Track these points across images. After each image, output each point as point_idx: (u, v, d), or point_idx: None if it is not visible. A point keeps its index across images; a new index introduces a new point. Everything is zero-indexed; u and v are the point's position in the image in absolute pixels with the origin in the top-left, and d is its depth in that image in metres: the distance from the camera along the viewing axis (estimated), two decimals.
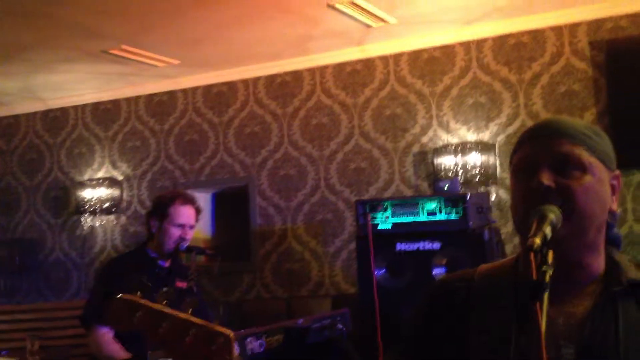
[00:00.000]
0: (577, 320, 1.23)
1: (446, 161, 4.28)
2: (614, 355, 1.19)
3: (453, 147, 4.27)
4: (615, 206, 1.27)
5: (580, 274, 1.27)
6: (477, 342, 1.27)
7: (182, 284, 2.85)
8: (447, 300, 1.36)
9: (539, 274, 1.12)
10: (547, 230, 1.18)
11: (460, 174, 4.17)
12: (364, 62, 4.68)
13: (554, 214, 1.22)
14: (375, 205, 3.49)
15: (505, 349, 1.21)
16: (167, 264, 2.96)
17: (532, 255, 1.13)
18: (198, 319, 1.28)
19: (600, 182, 1.25)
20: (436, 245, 3.39)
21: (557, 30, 4.12)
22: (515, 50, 4.23)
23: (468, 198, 3.33)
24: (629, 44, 3.94)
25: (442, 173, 4.25)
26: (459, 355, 1.29)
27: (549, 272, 1.13)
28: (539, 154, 1.25)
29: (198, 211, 3.01)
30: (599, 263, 1.27)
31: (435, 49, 4.44)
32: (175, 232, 2.90)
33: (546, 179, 1.22)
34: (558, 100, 4.11)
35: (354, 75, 4.71)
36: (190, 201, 2.99)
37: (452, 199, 3.37)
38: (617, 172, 1.30)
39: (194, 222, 2.98)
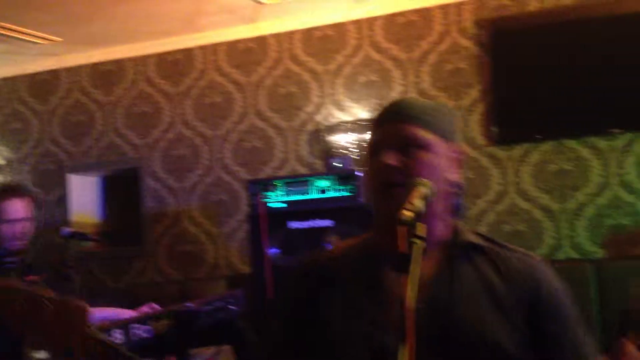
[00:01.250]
0: (423, 283, 1.30)
1: (340, 139, 4.32)
2: (452, 314, 1.28)
3: (346, 125, 4.32)
4: (457, 177, 1.39)
5: (427, 240, 1.33)
6: (338, 316, 1.33)
7: (33, 278, 2.71)
8: (310, 279, 1.43)
9: (408, 246, 1.15)
10: (419, 203, 1.21)
11: (353, 151, 4.23)
12: (257, 40, 4.62)
13: (425, 187, 1.26)
14: (267, 184, 3.48)
15: (361, 320, 1.29)
16: (15, 259, 2.81)
17: (400, 228, 1.16)
18: (52, 293, 1.27)
19: (439, 157, 1.36)
20: (328, 222, 3.43)
21: (444, 9, 4.23)
22: (405, 28, 4.30)
23: (358, 175, 3.38)
24: (511, 23, 4.10)
25: (336, 151, 4.29)
26: (326, 332, 1.35)
27: (419, 245, 1.17)
28: (385, 139, 1.37)
29: (32, 201, 2.87)
30: (443, 229, 1.37)
31: (327, 27, 4.46)
32: (8, 229, 2.76)
33: (390, 159, 1.32)
34: (445, 78, 4.23)
35: (247, 53, 4.65)
36: (16, 193, 2.84)
37: (344, 177, 3.42)
38: (459, 145, 1.39)
39: (26, 214, 2.83)
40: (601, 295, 3.72)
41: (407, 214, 1.17)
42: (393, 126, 1.35)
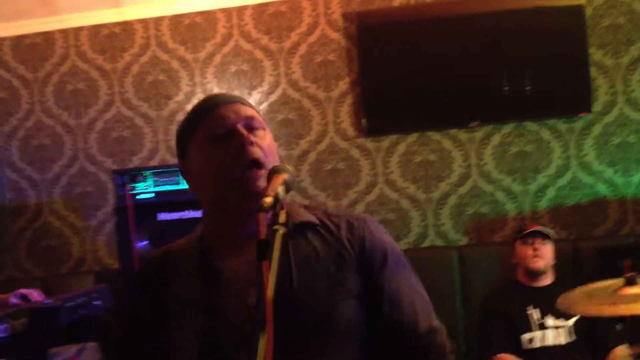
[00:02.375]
0: (255, 265, 1.30)
1: None
2: (289, 290, 1.27)
3: None
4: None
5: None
6: (173, 313, 1.31)
7: None
8: (145, 276, 1.42)
9: (270, 232, 1.14)
10: (280, 189, 1.20)
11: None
12: (123, 25, 4.44)
13: (287, 173, 1.25)
14: (134, 175, 3.36)
15: (195, 316, 1.28)
16: None
17: (261, 215, 1.14)
18: None
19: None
20: (199, 213, 3.36)
21: (313, 1, 4.26)
22: (275, 19, 4.29)
23: None
24: (378, 17, 4.20)
25: None
26: (161, 329, 1.32)
27: (281, 231, 1.16)
28: (231, 116, 1.33)
29: None
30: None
31: (196, 14, 4.36)
32: None
33: (251, 138, 1.31)
34: (315, 70, 4.27)
35: (112, 38, 4.45)
36: None
37: None
38: None
39: None
40: (463, 280, 3.91)
41: (268, 200, 1.16)
42: (234, 107, 1.34)
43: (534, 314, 3.17)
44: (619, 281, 2.20)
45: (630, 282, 2.11)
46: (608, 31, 3.97)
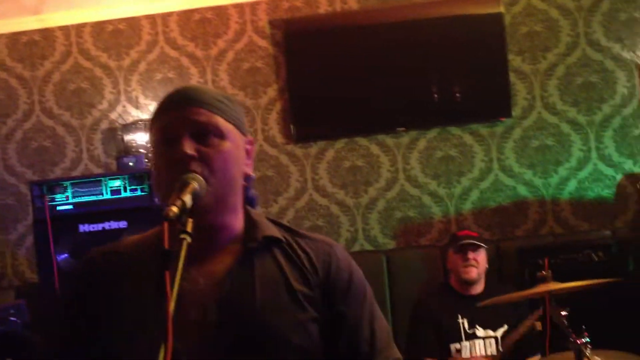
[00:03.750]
0: (217, 279, 1.27)
1: (137, 138, 4.16)
2: (252, 308, 1.25)
3: (143, 124, 4.17)
4: (250, 170, 1.34)
5: (222, 235, 1.32)
6: (124, 312, 1.25)
7: None
8: (93, 275, 1.33)
9: (176, 242, 1.12)
10: (187, 198, 1.18)
11: (149, 150, 4.09)
12: (43, 33, 4.31)
13: (196, 182, 1.23)
14: (53, 186, 3.26)
15: (148, 317, 1.20)
16: None
17: (165, 224, 1.12)
18: None
19: (237, 148, 1.31)
20: (122, 224, 3.30)
21: (239, 8, 4.24)
22: (201, 26, 4.26)
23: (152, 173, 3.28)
24: (304, 25, 4.22)
25: (133, 150, 4.13)
26: (109, 328, 1.27)
27: (187, 240, 1.14)
28: (179, 124, 1.25)
29: None
30: (238, 223, 1.33)
31: (119, 20, 4.27)
32: None
33: (189, 148, 1.23)
34: (243, 77, 4.25)
35: (31, 46, 4.32)
36: None
37: (138, 176, 3.30)
38: (250, 137, 1.37)
39: None
40: (391, 283, 3.96)
41: (174, 209, 1.14)
42: (188, 111, 1.25)
43: (465, 323, 3.16)
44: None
45: (541, 281, 2.18)
46: (526, 38, 4.10)
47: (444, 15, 4.13)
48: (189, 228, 1.15)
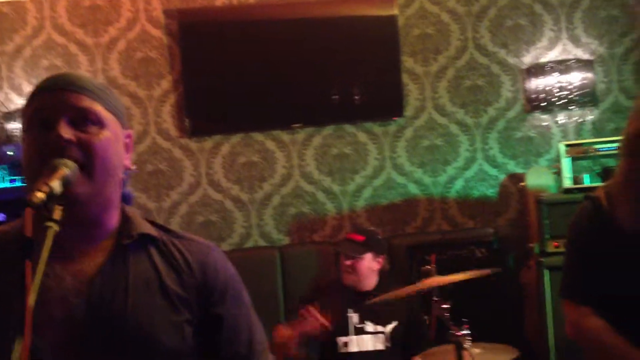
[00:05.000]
0: (87, 277, 1.22)
1: (19, 126, 3.95)
2: (123, 308, 1.20)
3: (17, 113, 3.96)
4: (129, 163, 1.29)
5: (96, 231, 1.25)
6: None
7: None
8: None
9: (41, 230, 1.06)
10: (55, 184, 1.11)
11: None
12: None
13: (68, 168, 1.16)
14: None
15: (9, 311, 1.11)
16: None
17: (28, 210, 1.06)
18: None
19: (117, 139, 1.26)
20: (1, 216, 3.12)
21: None
22: (91, 12, 4.09)
23: None
24: (200, 16, 4.15)
25: (15, 139, 3.91)
26: None
27: (54, 229, 1.08)
28: (57, 107, 1.19)
29: None
30: (114, 219, 1.27)
31: (3, 4, 4.03)
32: None
33: (66, 133, 1.17)
34: (135, 67, 4.13)
35: None
36: None
37: (18, 166, 3.13)
38: (130, 130, 1.32)
39: None
40: (285, 279, 3.96)
41: (39, 195, 1.07)
42: (67, 95, 1.19)
43: (354, 317, 3.17)
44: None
45: (425, 275, 2.25)
46: (418, 40, 4.22)
47: (341, 15, 4.18)
48: (57, 216, 1.08)
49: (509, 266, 3.87)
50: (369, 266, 3.20)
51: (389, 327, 3.12)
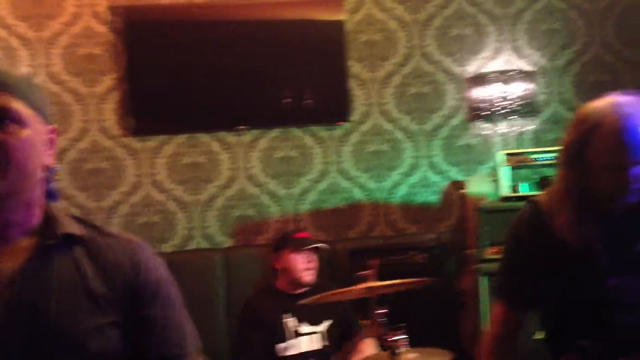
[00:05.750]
0: (6, 278, 1.18)
1: None
2: (45, 310, 1.17)
3: None
4: (51, 161, 1.26)
5: (13, 231, 1.22)
6: None
7: None
8: None
9: None
10: None
11: None
12: None
13: None
14: None
15: None
16: None
17: None
18: None
19: (39, 137, 1.22)
20: None
21: None
22: (33, 5, 3.99)
23: None
24: (146, 14, 4.09)
25: None
26: None
27: None
28: None
29: None
30: (35, 218, 1.24)
31: None
32: None
33: None
34: (78, 63, 4.04)
35: None
36: None
37: None
38: (54, 126, 1.29)
39: None
40: (228, 282, 3.93)
41: None
42: None
43: (290, 322, 3.16)
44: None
45: (362, 280, 2.27)
46: (366, 46, 4.25)
47: (289, 18, 4.17)
48: None
49: (449, 272, 3.93)
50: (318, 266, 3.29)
51: (324, 326, 3.16)
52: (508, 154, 3.74)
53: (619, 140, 1.64)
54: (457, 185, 4.22)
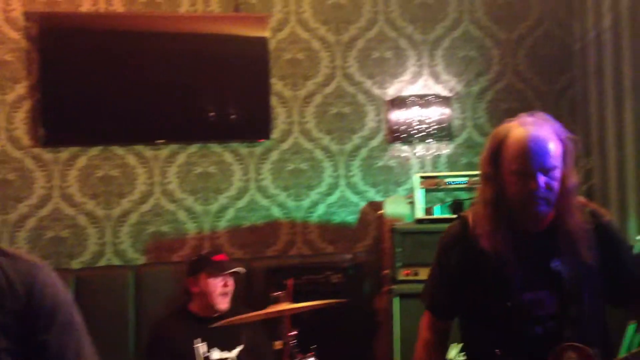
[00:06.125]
0: None
1: None
2: None
3: None
4: None
5: None
6: None
7: None
8: None
9: None
10: None
11: None
12: None
13: None
14: None
15: None
16: None
17: None
18: None
19: None
20: None
21: None
22: None
23: None
24: (63, 21, 3.96)
25: None
26: None
27: None
28: None
29: None
30: None
31: None
32: None
33: None
34: None
35: None
36: None
37: None
38: None
39: None
40: (138, 300, 3.81)
41: None
42: None
43: (200, 348, 3.08)
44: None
45: (275, 301, 2.25)
46: (288, 65, 4.26)
47: (212, 32, 4.14)
48: None
49: (365, 292, 3.95)
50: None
51: (235, 352, 3.09)
52: (422, 177, 3.82)
53: (524, 148, 1.83)
54: (375, 206, 4.27)
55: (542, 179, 1.81)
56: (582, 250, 1.84)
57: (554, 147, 1.83)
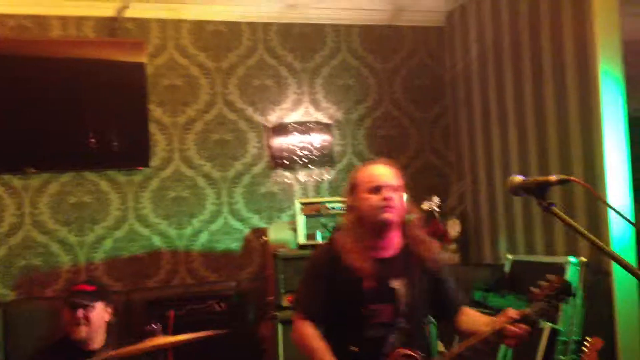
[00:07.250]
0: None
1: None
2: None
3: None
4: None
5: None
6: None
7: None
8: None
9: None
10: None
11: None
12: None
13: None
14: None
15: None
16: None
17: None
18: None
19: None
20: None
21: None
22: None
23: None
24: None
25: None
26: None
27: None
28: None
29: None
30: None
31: None
32: None
33: None
34: None
35: None
36: None
37: None
38: None
39: None
40: (7, 339, 3.57)
41: None
42: None
43: None
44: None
45: (150, 335, 2.20)
46: (167, 91, 4.19)
47: (88, 57, 4.00)
48: None
49: (249, 320, 3.91)
50: (101, 316, 3.05)
51: None
52: (303, 203, 3.85)
53: (374, 169, 2.36)
54: (259, 232, 4.26)
55: (389, 191, 2.28)
56: (418, 275, 2.30)
57: (396, 173, 2.34)
